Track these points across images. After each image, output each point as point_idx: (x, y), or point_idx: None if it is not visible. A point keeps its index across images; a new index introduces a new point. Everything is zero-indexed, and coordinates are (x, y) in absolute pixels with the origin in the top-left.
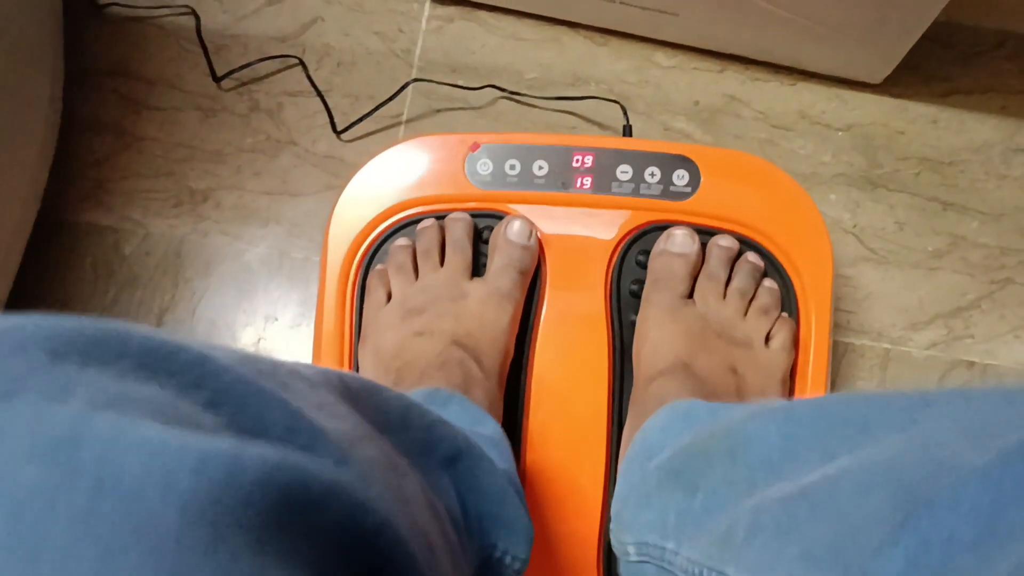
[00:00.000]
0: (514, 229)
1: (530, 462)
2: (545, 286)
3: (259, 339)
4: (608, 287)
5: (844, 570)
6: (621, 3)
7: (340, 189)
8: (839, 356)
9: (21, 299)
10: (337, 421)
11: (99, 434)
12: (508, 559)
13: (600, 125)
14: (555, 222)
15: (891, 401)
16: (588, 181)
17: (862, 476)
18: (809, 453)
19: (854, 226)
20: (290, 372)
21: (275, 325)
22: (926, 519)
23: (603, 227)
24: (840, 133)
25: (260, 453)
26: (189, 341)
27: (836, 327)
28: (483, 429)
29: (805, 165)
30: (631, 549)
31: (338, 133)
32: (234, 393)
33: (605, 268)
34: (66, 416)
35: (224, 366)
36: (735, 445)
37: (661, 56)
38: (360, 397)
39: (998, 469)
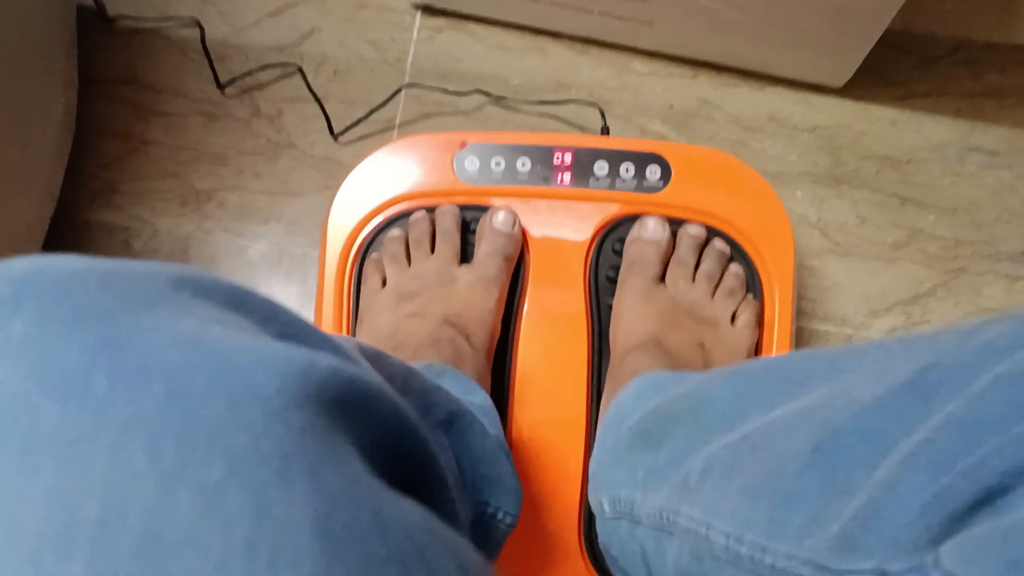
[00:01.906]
0: (499, 219)
1: (516, 433)
2: (529, 273)
3: None
4: (587, 274)
5: (772, 494)
6: (600, 13)
7: (337, 187)
8: (805, 341)
9: None
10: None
11: (215, 335)
12: (500, 515)
13: (581, 128)
14: (537, 214)
15: (824, 356)
16: (568, 176)
17: (791, 419)
18: (756, 407)
19: (819, 220)
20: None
21: None
22: (832, 444)
23: (582, 218)
24: (806, 134)
25: (327, 358)
26: (257, 291)
27: (802, 314)
28: (474, 398)
29: (773, 164)
30: (606, 505)
31: (335, 137)
32: (296, 327)
33: (584, 256)
34: (192, 323)
35: (286, 310)
36: (696, 405)
37: (638, 63)
38: (372, 357)
39: (888, 398)
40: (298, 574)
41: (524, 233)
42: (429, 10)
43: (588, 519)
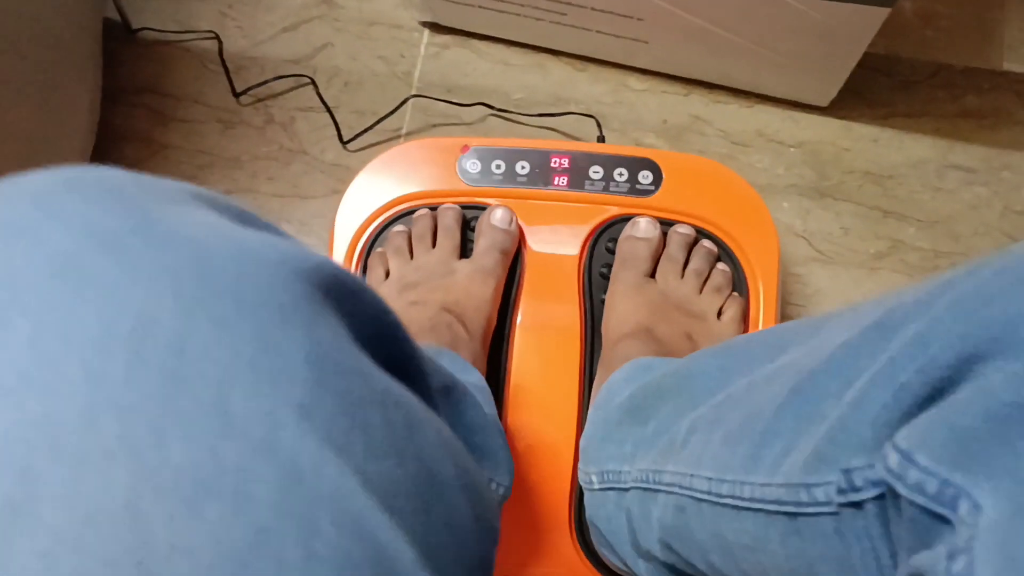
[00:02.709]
0: (497, 215)
1: (511, 420)
2: (525, 269)
3: None
4: (581, 271)
5: (750, 435)
6: (598, 32)
7: (346, 190)
8: None
9: None
10: None
11: (230, 226)
12: (494, 485)
13: (578, 139)
14: (535, 214)
15: (803, 322)
16: (564, 180)
17: (770, 373)
18: (739, 374)
19: (804, 230)
20: None
21: None
22: (807, 383)
23: (577, 219)
24: (792, 149)
25: (321, 255)
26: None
27: (787, 319)
28: (469, 378)
29: (762, 177)
30: (594, 478)
31: (344, 144)
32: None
33: (578, 254)
34: (209, 217)
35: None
36: (682, 380)
37: (634, 80)
38: None
39: (856, 338)
40: (293, 391)
41: (521, 231)
42: (436, 28)
43: (579, 501)
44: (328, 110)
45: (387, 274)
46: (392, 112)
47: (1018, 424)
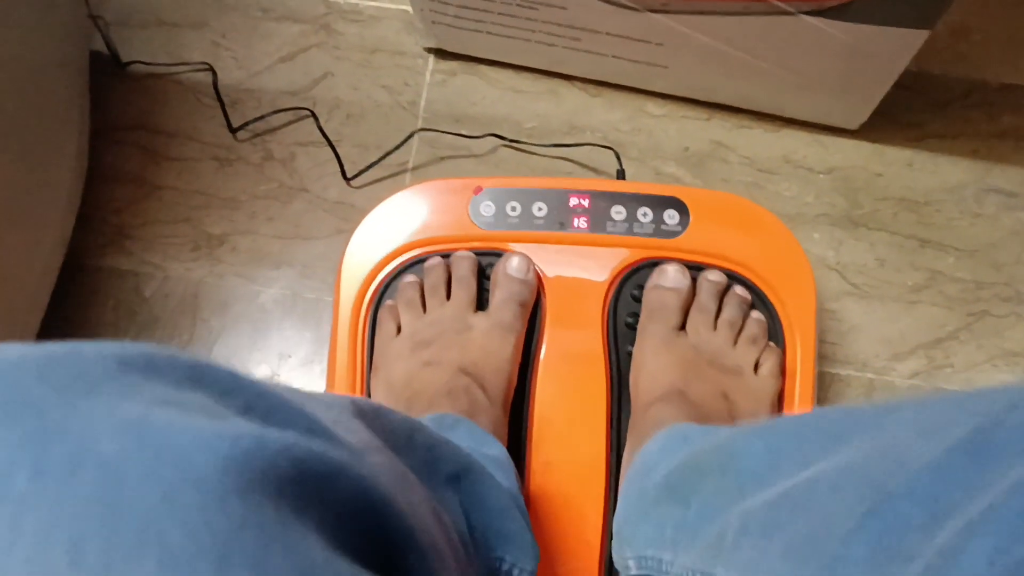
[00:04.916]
0: (513, 265)
1: (534, 487)
2: (545, 319)
3: (273, 376)
4: (605, 320)
5: (819, 559)
6: (614, 57)
7: (351, 232)
8: (826, 386)
9: (48, 338)
10: (350, 433)
11: (159, 419)
12: (516, 572)
13: (595, 170)
14: (554, 260)
15: (862, 412)
16: (584, 221)
17: (835, 477)
18: (791, 462)
19: (837, 263)
20: (308, 395)
21: (288, 362)
22: (886, 507)
23: (599, 264)
24: (822, 176)
25: (281, 435)
26: (222, 364)
27: (822, 358)
28: (489, 450)
29: (790, 206)
30: (631, 563)
31: (348, 180)
32: (267, 400)
33: (602, 302)
34: (134, 408)
35: (252, 382)
36: (725, 460)
37: (652, 106)
38: (369, 416)
39: (943, 460)
40: None
41: (540, 279)
42: (442, 54)
43: (609, 573)
44: (330, 144)
45: (399, 329)
46: (398, 147)
47: None
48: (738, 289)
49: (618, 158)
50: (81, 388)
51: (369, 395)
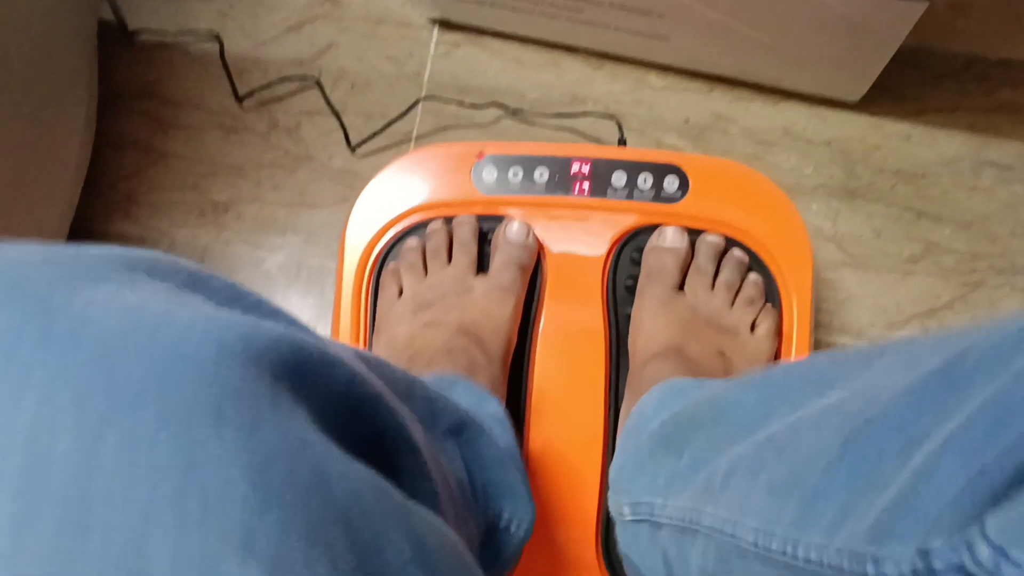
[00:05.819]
0: (513, 229)
1: (533, 445)
2: (546, 284)
3: None
4: (604, 283)
5: (800, 492)
6: (616, 29)
7: (355, 199)
8: None
9: None
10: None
11: (158, 305)
12: (514, 526)
13: (597, 140)
14: (555, 224)
15: (847, 356)
16: (586, 187)
17: (817, 416)
18: (780, 410)
19: (834, 233)
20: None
21: None
22: (862, 436)
23: (599, 228)
24: (820, 148)
25: (278, 325)
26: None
27: (819, 326)
28: (487, 408)
29: (788, 177)
30: (626, 510)
31: (352, 149)
32: (265, 307)
33: (602, 266)
34: (132, 297)
35: (251, 292)
36: (718, 412)
37: (653, 78)
38: (372, 364)
39: (917, 387)
40: (229, 523)
41: (540, 244)
42: (447, 25)
43: (606, 532)
44: (335, 114)
45: (400, 292)
46: (402, 116)
47: None
48: (736, 252)
49: (619, 128)
50: (86, 278)
51: None
